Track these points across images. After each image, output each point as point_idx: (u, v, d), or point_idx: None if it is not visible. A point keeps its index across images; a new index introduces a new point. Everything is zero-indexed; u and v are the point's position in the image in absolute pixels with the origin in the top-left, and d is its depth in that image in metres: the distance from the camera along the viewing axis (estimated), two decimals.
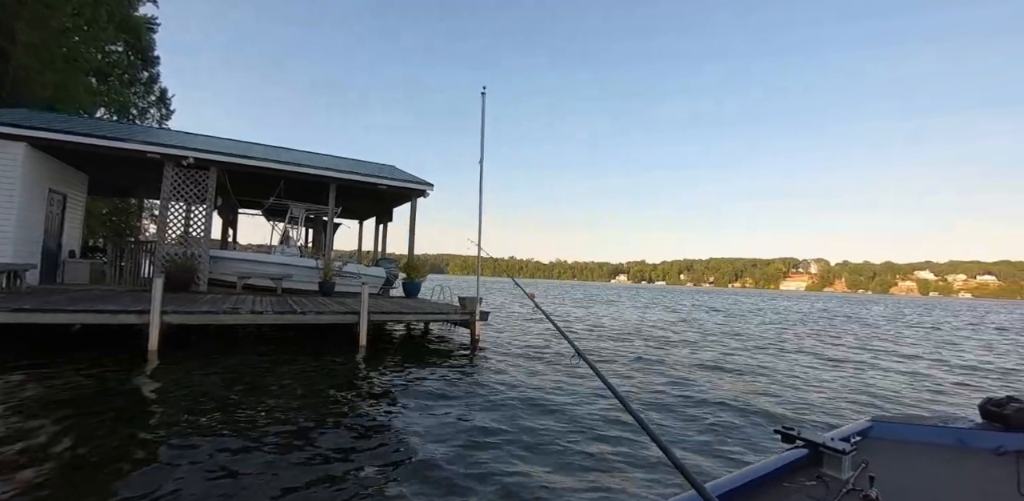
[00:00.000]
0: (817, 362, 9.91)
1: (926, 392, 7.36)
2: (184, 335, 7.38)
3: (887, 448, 2.26)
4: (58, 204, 11.68)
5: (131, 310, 6.37)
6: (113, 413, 4.33)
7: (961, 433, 2.33)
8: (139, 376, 5.56)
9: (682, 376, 7.56)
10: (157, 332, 6.32)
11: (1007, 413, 2.28)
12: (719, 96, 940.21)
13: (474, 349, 8.91)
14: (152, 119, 28.92)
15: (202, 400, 4.83)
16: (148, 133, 13.25)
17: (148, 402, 4.74)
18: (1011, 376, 9.31)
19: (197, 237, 11.02)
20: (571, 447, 4.15)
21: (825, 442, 1.87)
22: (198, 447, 3.65)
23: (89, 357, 6.24)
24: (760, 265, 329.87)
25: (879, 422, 2.48)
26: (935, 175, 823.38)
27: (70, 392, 4.79)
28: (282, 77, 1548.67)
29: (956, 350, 13.25)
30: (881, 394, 6.95)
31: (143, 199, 18.65)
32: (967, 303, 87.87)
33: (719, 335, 14.45)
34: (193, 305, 7.18)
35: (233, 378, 5.76)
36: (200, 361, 6.49)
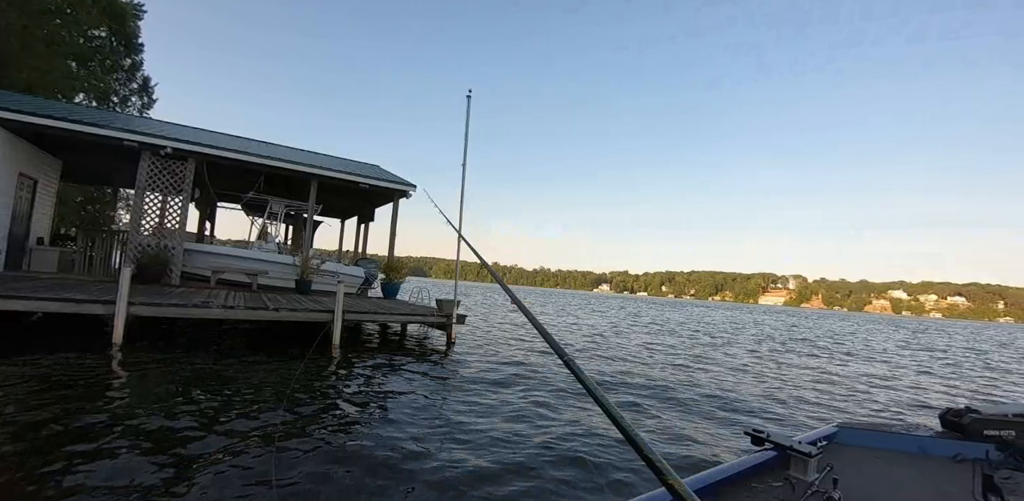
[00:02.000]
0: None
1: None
2: (152, 328, 7.19)
3: (851, 453, 2.34)
4: (28, 189, 11.32)
5: (97, 300, 6.16)
6: (62, 407, 4.16)
7: (922, 441, 2.42)
8: (99, 369, 5.36)
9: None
10: (123, 324, 6.12)
11: (964, 423, 2.38)
12: (707, 106, 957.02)
13: (447, 353, 8.82)
14: (133, 107, 28.34)
15: (161, 395, 4.68)
16: (126, 120, 12.94)
17: (103, 396, 4.56)
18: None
19: (172, 229, 10.77)
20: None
21: (793, 445, 1.90)
22: (144, 443, 3.52)
23: (49, 348, 6.01)
24: (740, 279, 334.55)
25: (845, 428, 2.56)
26: (913, 195, 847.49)
27: (21, 384, 4.61)
28: (273, 72, 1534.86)
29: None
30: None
31: (118, 188, 18.21)
32: (930, 323, 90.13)
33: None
34: (162, 297, 6.97)
35: (197, 374, 5.59)
36: (166, 355, 6.30)
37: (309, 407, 4.84)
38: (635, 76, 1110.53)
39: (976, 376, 12.33)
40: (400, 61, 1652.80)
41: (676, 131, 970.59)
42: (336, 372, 6.52)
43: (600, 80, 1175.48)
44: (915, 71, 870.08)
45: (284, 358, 6.93)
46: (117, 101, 27.35)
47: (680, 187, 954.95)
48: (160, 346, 6.84)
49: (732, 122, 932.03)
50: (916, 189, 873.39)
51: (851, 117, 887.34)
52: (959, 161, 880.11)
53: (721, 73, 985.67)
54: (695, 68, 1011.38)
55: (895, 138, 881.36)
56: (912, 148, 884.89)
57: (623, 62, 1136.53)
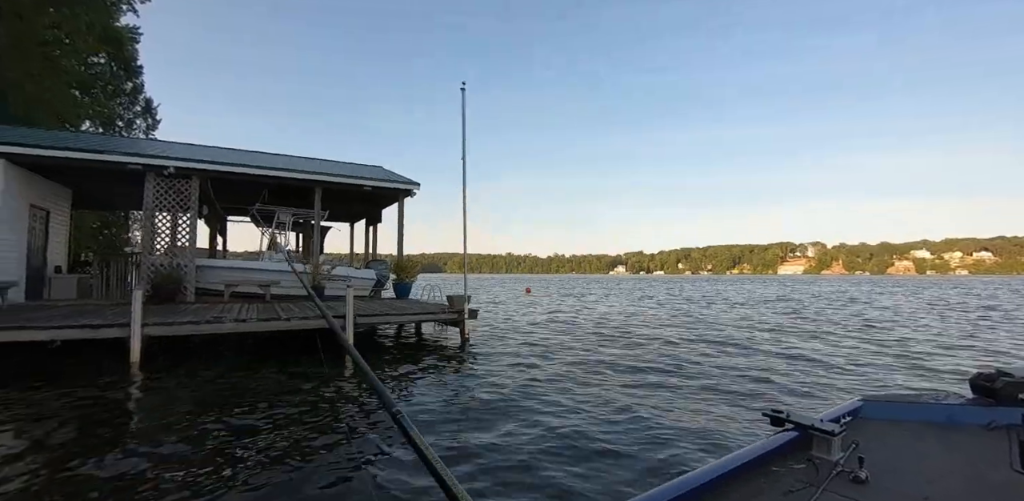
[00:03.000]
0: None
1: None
2: (168, 347, 7.34)
3: (878, 428, 2.24)
4: (41, 220, 11.57)
5: (112, 324, 6.31)
6: (90, 429, 4.28)
7: (951, 409, 2.31)
8: (120, 391, 5.50)
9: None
10: (139, 345, 6.26)
11: (997, 387, 2.25)
12: (717, 81, 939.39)
13: (462, 348, 8.87)
14: (139, 130, 28.74)
15: (184, 413, 4.77)
16: (127, 144, 13.15)
17: (128, 417, 4.69)
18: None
19: (183, 247, 10.94)
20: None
21: (814, 424, 1.84)
22: (176, 463, 3.60)
23: (69, 374, 6.18)
24: (757, 251, 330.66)
25: (869, 402, 2.46)
26: (931, 153, 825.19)
27: (46, 410, 4.74)
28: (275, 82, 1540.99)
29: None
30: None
31: (129, 211, 18.53)
32: (956, 280, 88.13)
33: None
34: (175, 316, 7.11)
35: (218, 390, 5.70)
36: (184, 373, 6.42)
37: (321, 410, 4.91)
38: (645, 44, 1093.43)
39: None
40: (390, 63, 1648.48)
41: (681, 104, 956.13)
42: (348, 377, 6.60)
43: (603, 55, 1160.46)
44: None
45: (298, 366, 7.03)
46: (122, 125, 27.74)
47: (689, 161, 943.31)
48: (178, 363, 6.96)
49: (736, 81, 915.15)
50: (935, 143, 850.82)
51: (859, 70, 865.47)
52: (980, 114, 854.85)
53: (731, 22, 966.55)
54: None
55: (912, 89, 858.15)
56: (933, 100, 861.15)
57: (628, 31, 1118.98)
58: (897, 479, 1.69)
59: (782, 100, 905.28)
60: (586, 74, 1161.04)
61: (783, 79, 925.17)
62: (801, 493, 1.58)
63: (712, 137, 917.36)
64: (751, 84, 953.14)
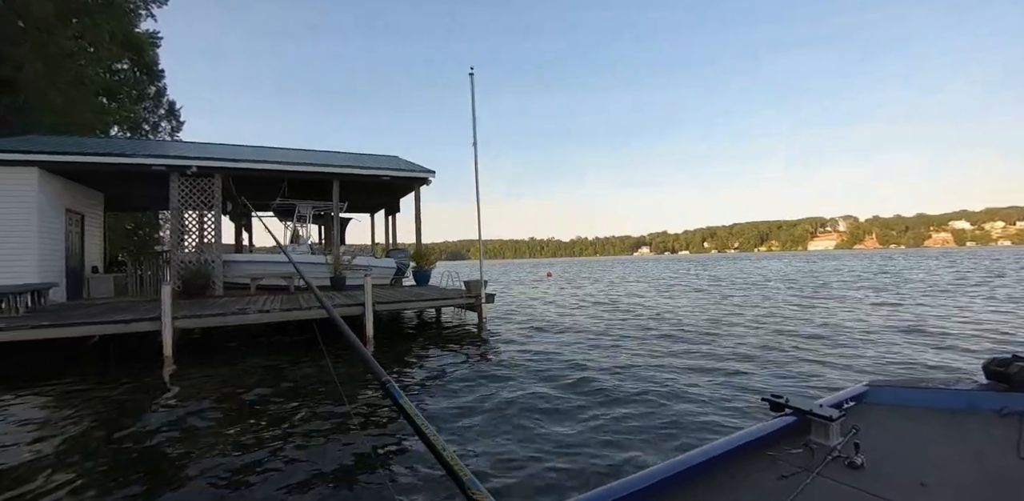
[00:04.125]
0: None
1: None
2: (199, 339, 7.69)
3: (882, 413, 2.20)
4: (76, 223, 12.11)
5: (144, 318, 6.64)
6: (127, 420, 4.57)
7: (961, 395, 2.24)
8: (155, 382, 5.83)
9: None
10: (170, 337, 6.59)
11: (1011, 372, 2.17)
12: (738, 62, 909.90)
13: (480, 332, 9.03)
14: (164, 132, 29.53)
15: (218, 402, 5.04)
16: (151, 146, 13.57)
17: (165, 407, 4.97)
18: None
19: (209, 243, 11.34)
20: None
21: (812, 409, 1.83)
22: (214, 451, 3.81)
23: (107, 368, 6.57)
24: (786, 227, 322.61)
25: (875, 387, 2.40)
26: (969, 113, 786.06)
27: (87, 403, 5.07)
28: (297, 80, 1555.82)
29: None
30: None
31: (158, 211, 19.17)
32: (995, 251, 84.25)
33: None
34: (203, 309, 7.43)
35: (249, 377, 6.00)
36: (216, 363, 6.75)
37: (347, 395, 5.12)
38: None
39: None
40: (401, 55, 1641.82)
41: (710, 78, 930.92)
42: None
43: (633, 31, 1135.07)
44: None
45: (319, 352, 7.28)
46: (148, 128, 28.53)
47: (719, 136, 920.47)
48: (208, 355, 7.32)
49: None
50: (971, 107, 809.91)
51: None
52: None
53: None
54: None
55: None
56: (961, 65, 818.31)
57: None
58: (895, 465, 1.67)
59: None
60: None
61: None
62: (795, 478, 1.58)
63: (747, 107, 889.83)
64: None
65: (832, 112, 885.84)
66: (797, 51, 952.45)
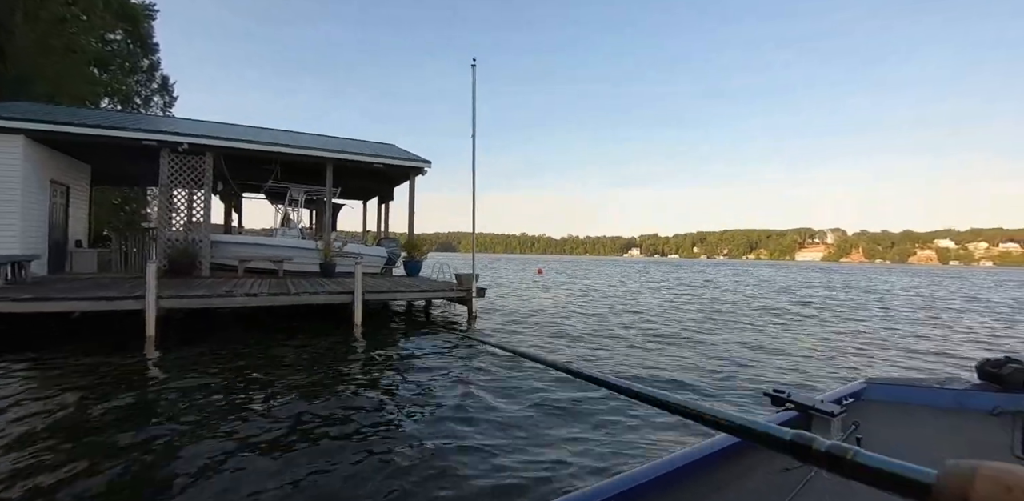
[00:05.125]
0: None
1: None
2: (182, 320, 7.55)
3: (879, 409, 2.23)
4: (62, 195, 11.84)
5: (128, 296, 6.51)
6: (107, 397, 4.47)
7: (957, 394, 2.28)
8: (135, 361, 5.71)
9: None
10: (154, 317, 6.46)
11: (1004, 373, 2.23)
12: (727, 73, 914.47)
13: (469, 326, 8.98)
14: (156, 107, 29.00)
15: (199, 384, 4.94)
16: (143, 120, 13.31)
17: (144, 386, 4.87)
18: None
19: (198, 222, 11.15)
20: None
21: (814, 405, 1.78)
22: (191, 434, 3.74)
23: (88, 344, 6.41)
24: (775, 236, 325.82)
25: (873, 384, 2.44)
26: (959, 138, 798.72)
27: (64, 379, 4.95)
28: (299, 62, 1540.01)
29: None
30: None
31: (146, 187, 18.83)
32: (977, 271, 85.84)
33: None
34: (189, 289, 7.30)
35: (231, 361, 5.89)
36: (198, 345, 6.63)
37: (331, 386, 5.05)
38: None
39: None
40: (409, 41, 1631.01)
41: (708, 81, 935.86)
42: (356, 350, 6.76)
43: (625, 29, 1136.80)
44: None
45: (309, 340, 7.20)
46: (140, 102, 28.00)
47: (711, 145, 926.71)
48: (192, 335, 7.18)
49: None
50: (962, 132, 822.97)
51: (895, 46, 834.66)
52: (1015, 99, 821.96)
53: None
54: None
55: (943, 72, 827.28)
56: (962, 86, 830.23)
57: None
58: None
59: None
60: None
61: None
62: (796, 471, 1.58)
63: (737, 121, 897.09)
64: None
65: (831, 121, 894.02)
66: (805, 55, 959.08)
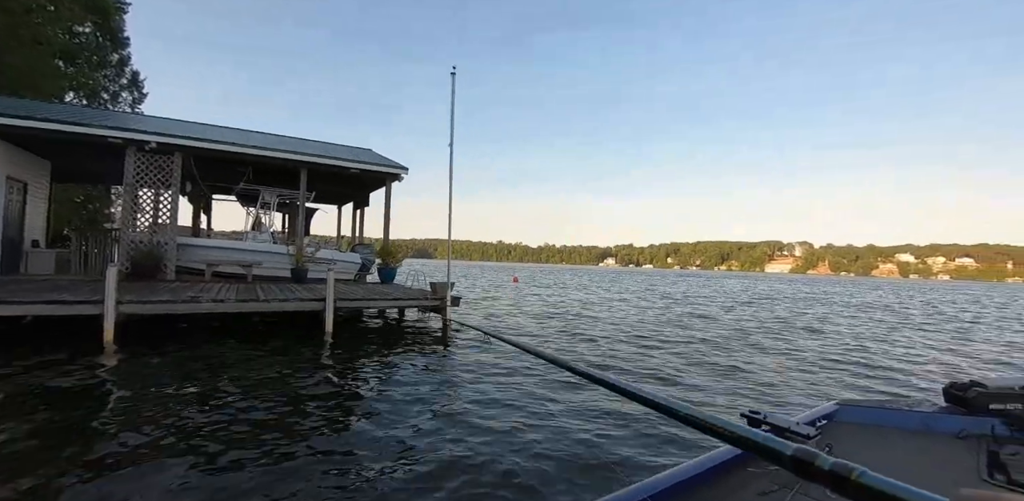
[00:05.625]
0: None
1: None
2: (143, 326, 7.24)
3: (852, 432, 2.28)
4: (18, 192, 11.30)
5: (85, 301, 6.20)
6: (57, 409, 4.23)
7: (925, 417, 2.34)
8: (90, 370, 5.42)
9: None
10: (112, 323, 6.17)
11: (969, 397, 2.30)
12: (707, 85, 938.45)
13: (444, 337, 8.85)
14: (124, 103, 28.08)
15: (157, 395, 4.72)
16: (108, 117, 12.79)
17: (98, 397, 4.63)
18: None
19: (164, 224, 10.76)
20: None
21: (791, 427, 1.81)
22: (147, 446, 3.55)
23: (39, 350, 6.06)
24: (746, 249, 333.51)
25: (845, 406, 2.49)
26: (918, 159, 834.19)
27: (10, 388, 4.67)
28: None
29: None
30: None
31: (110, 186, 18.17)
32: (933, 285, 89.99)
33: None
34: (152, 294, 7.01)
35: (192, 370, 5.64)
36: (158, 353, 6.33)
37: (297, 396, 4.88)
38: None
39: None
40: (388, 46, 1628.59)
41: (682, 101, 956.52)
42: (326, 360, 6.58)
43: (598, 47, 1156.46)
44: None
45: (277, 348, 6.98)
46: (108, 98, 27.07)
47: (684, 158, 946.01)
48: (154, 343, 6.88)
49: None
50: (923, 151, 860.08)
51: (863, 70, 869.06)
52: (973, 126, 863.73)
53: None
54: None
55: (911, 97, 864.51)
56: (921, 109, 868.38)
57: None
58: None
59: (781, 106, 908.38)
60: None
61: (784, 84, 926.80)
62: (775, 494, 1.60)
63: (707, 136, 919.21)
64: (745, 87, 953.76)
65: (802, 137, 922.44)
66: (790, 69, 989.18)
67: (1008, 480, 1.73)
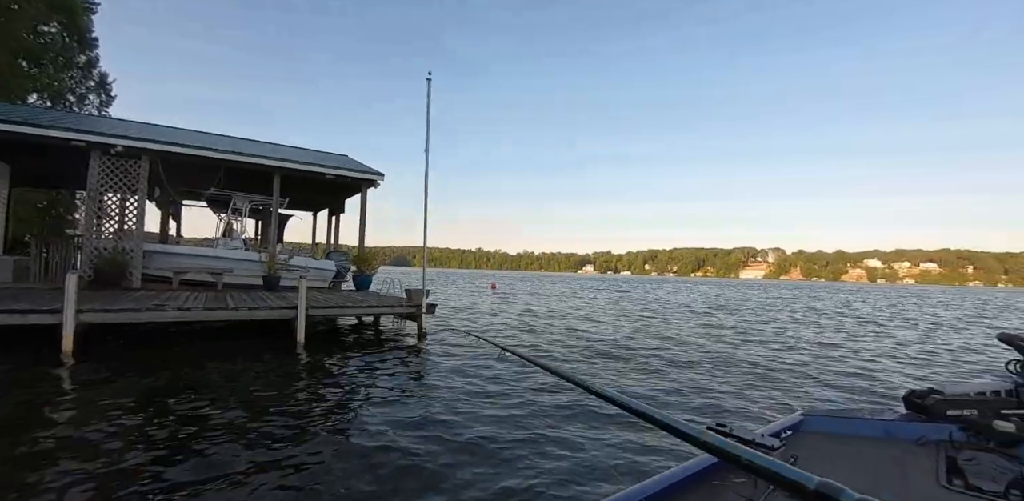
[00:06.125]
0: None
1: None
2: (105, 336, 6.98)
3: (816, 441, 2.30)
4: None
5: (42, 310, 5.94)
6: (5, 423, 4.03)
7: (886, 425, 2.39)
8: (46, 382, 5.19)
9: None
10: (72, 333, 5.92)
11: (928, 404, 2.36)
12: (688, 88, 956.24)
13: (419, 343, 8.75)
14: (91, 105, 27.27)
15: (109, 408, 4.52)
16: (73, 119, 12.41)
17: (51, 409, 4.42)
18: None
19: (129, 230, 10.44)
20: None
21: (755, 439, 1.81)
22: (100, 462, 3.41)
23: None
24: (721, 255, 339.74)
25: (809, 416, 2.52)
26: (885, 165, 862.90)
27: None
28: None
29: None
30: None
31: (74, 191, 17.59)
32: (897, 289, 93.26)
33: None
34: (115, 302, 6.76)
35: (155, 382, 5.43)
36: (120, 364, 6.07)
37: (265, 408, 4.75)
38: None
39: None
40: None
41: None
42: (299, 370, 6.43)
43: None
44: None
45: (248, 358, 6.79)
46: (74, 100, 26.25)
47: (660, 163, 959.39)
48: (116, 353, 6.64)
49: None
50: (891, 161, 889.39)
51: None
52: (936, 133, 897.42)
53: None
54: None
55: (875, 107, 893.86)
56: (887, 118, 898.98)
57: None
58: None
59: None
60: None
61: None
62: None
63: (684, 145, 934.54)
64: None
65: (775, 146, 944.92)
66: (780, 68, 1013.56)
67: (965, 485, 1.77)
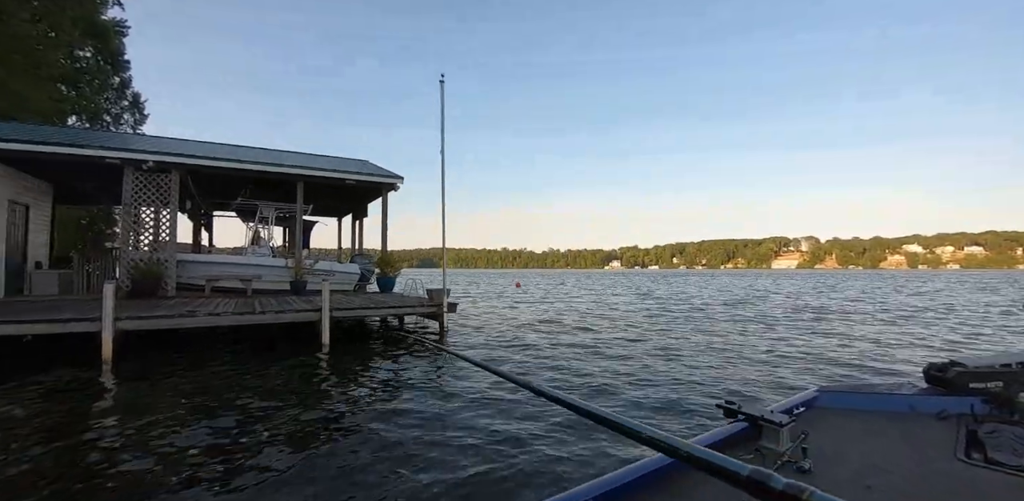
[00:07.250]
0: None
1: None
2: (142, 342, 7.34)
3: (831, 417, 2.26)
4: (21, 214, 11.50)
5: (83, 318, 6.30)
6: (57, 427, 4.31)
7: (905, 399, 2.36)
8: (90, 387, 5.51)
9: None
10: (110, 340, 6.26)
11: (949, 377, 2.32)
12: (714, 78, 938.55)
13: (440, 341, 8.90)
14: (127, 124, 28.47)
15: (156, 413, 4.78)
16: (106, 138, 13.01)
17: (96, 415, 4.70)
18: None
19: (163, 241, 10.92)
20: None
21: (763, 415, 1.83)
22: (148, 468, 3.61)
23: (40, 368, 6.18)
24: (751, 246, 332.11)
25: (825, 392, 2.48)
26: (924, 147, 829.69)
27: (11, 407, 4.76)
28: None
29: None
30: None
31: (112, 206, 18.41)
32: (945, 275, 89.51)
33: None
34: (150, 310, 7.11)
35: (189, 385, 5.72)
36: (157, 369, 6.42)
37: (290, 406, 4.94)
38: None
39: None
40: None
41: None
42: (323, 370, 6.64)
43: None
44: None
45: (275, 359, 7.04)
46: (110, 120, 27.44)
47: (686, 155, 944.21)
48: (152, 359, 6.98)
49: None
50: (932, 141, 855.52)
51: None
52: (981, 108, 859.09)
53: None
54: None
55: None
56: (928, 96, 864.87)
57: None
58: (842, 468, 1.70)
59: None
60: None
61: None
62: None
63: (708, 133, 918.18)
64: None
65: (806, 133, 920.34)
66: (789, 64, 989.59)
67: (984, 458, 1.74)
